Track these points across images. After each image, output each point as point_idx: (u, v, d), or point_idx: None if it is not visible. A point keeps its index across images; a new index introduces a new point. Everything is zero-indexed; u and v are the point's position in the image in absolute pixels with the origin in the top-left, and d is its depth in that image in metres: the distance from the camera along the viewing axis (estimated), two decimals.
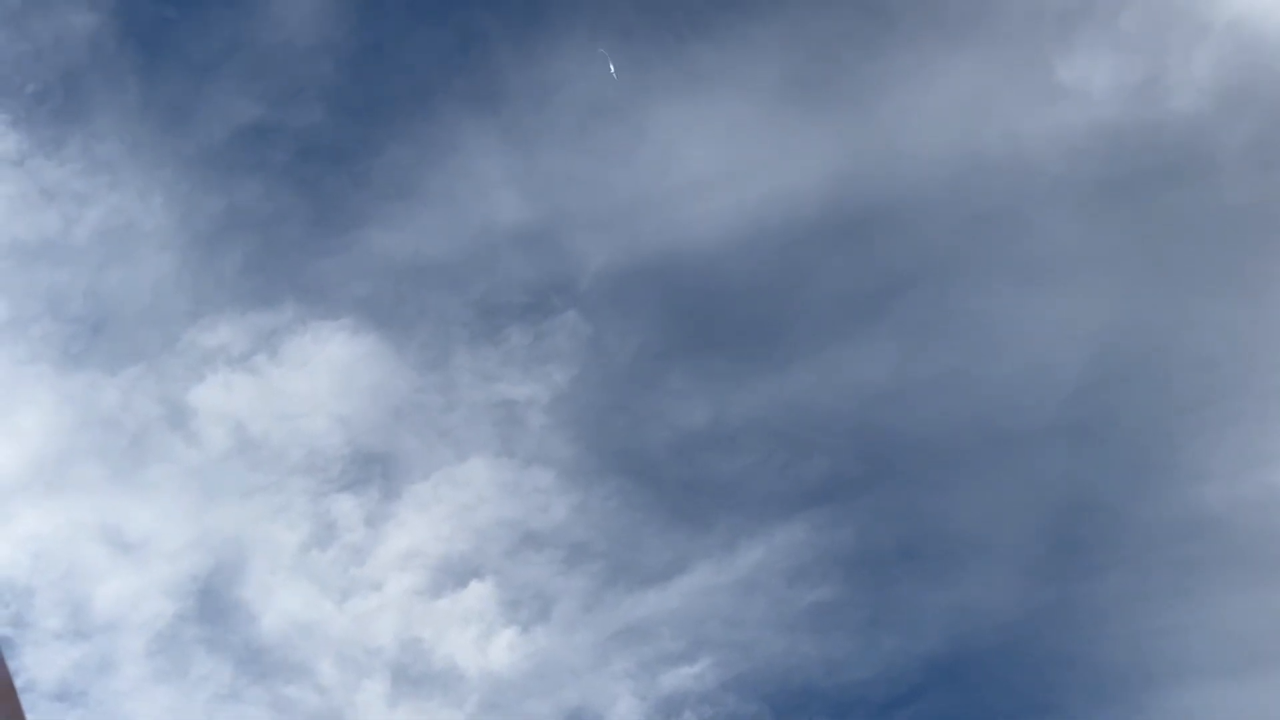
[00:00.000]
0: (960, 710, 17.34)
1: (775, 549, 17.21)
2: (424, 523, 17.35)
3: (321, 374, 17.31)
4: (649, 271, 17.62)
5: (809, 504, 17.58)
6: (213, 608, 16.73)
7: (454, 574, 17.33)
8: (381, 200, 16.95)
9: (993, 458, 17.56)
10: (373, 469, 17.27)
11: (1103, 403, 17.38)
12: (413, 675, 17.08)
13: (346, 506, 17.18)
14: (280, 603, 16.96)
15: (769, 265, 17.62)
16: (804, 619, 17.27)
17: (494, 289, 17.29)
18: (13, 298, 15.98)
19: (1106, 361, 17.26)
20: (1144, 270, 17.12)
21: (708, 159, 17.44)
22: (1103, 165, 16.66)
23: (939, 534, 17.84)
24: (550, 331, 17.26)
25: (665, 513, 17.99)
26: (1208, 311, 16.76)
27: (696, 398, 17.58)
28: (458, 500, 17.38)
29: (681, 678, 17.06)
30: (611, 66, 14.82)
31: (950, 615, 17.36)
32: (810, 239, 17.44)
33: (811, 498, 17.70)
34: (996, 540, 17.55)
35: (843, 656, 17.27)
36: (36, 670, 15.94)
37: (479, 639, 17.25)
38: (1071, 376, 17.45)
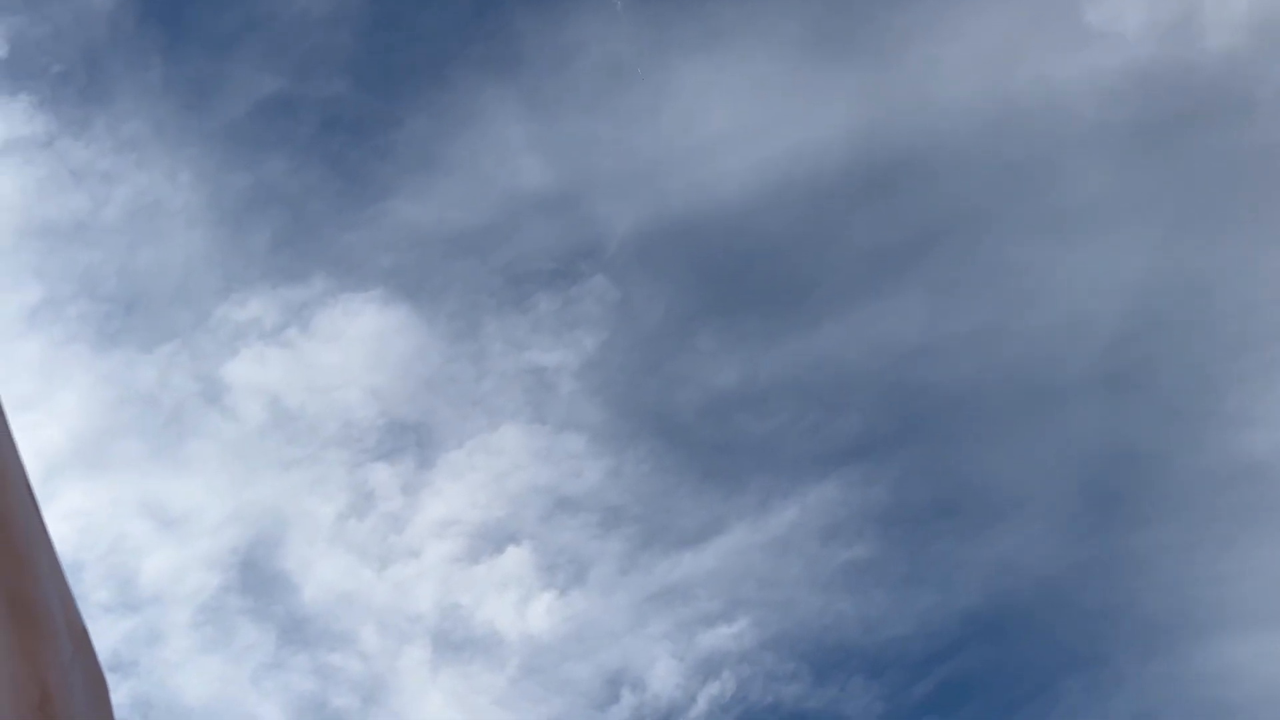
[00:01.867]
0: (1001, 665, 17.26)
1: (809, 508, 17.14)
2: (459, 490, 17.51)
3: (353, 346, 17.44)
4: (675, 233, 17.47)
5: (842, 462, 17.46)
6: (255, 579, 17.06)
7: (491, 540, 17.49)
8: (405, 171, 16.93)
9: (1029, 411, 17.30)
10: (407, 438, 17.42)
11: (1142, 351, 17.01)
12: (453, 640, 17.33)
13: (383, 476, 17.37)
14: (321, 572, 17.25)
15: (796, 221, 17.38)
16: (840, 577, 17.22)
17: (521, 256, 17.24)
18: (48, 280, 16.22)
19: (1145, 309, 16.86)
20: (1182, 215, 16.64)
21: (731, 116, 17.17)
22: (1137, 108, 16.14)
23: (976, 489, 17.65)
24: (578, 297, 17.20)
25: (698, 474, 17.97)
26: (1248, 255, 16.26)
27: (726, 358, 17.48)
28: (492, 467, 17.50)
29: (719, 638, 17.13)
30: (620, 5, 14.55)
31: (989, 570, 17.21)
32: (838, 193, 17.15)
33: (844, 456, 17.57)
34: (1035, 494, 17.33)
35: (880, 614, 17.22)
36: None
37: (517, 603, 17.44)
38: (1109, 326, 17.07)
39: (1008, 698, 16.86)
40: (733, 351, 17.62)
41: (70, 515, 16.67)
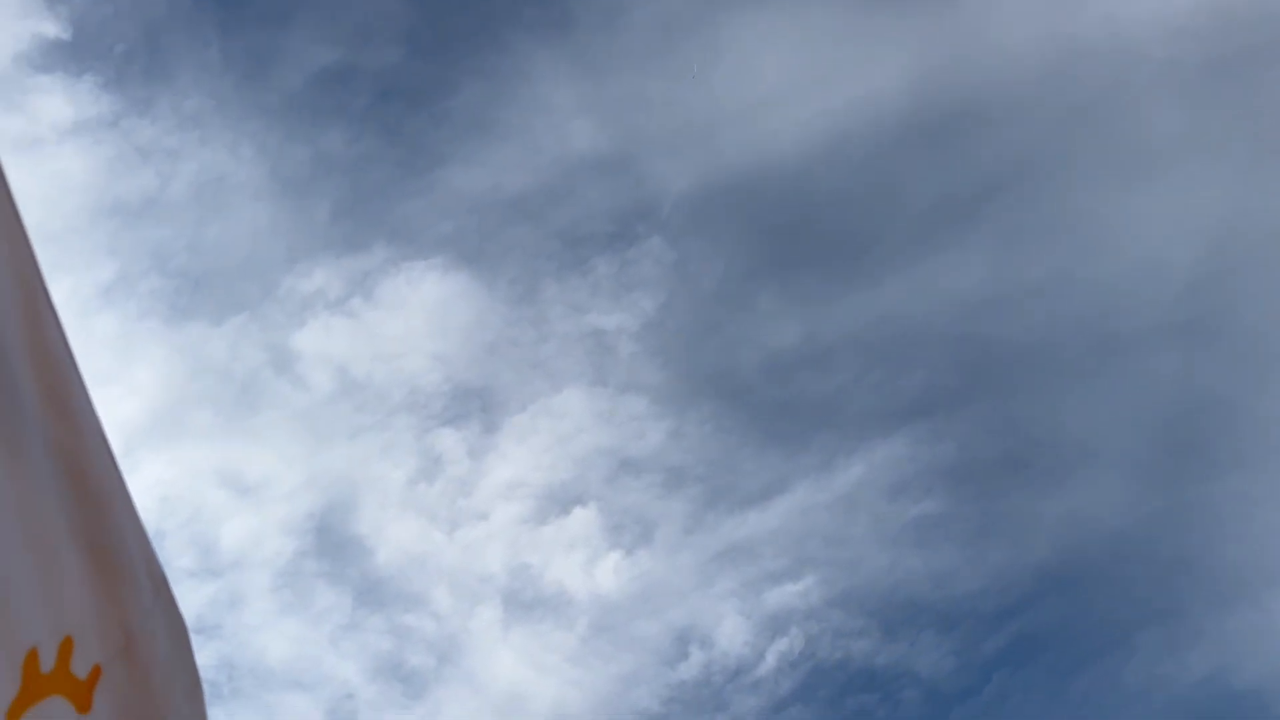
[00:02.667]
0: (1075, 619, 17.05)
1: (875, 465, 17.02)
2: (525, 453, 17.69)
3: (416, 314, 17.64)
4: (732, 191, 17.32)
5: (908, 419, 17.29)
6: (330, 543, 17.46)
7: (557, 502, 17.67)
8: (460, 137, 16.99)
9: (1101, 361, 16.93)
10: (472, 403, 17.62)
11: (1218, 296, 16.52)
12: (524, 600, 17.59)
13: (449, 441, 17.62)
14: (393, 536, 17.60)
15: (856, 175, 17.12)
16: (908, 533, 17.12)
17: (577, 219, 17.24)
18: (120, 257, 16.61)
19: (1221, 253, 16.34)
20: (1256, 153, 16.05)
21: (786, 69, 16.92)
22: (1208, 44, 15.56)
23: (1047, 442, 17.37)
24: (636, 259, 17.17)
25: (760, 434, 17.93)
26: None
27: (787, 317, 17.35)
28: (555, 430, 17.64)
29: (786, 595, 17.16)
30: None
31: (1062, 524, 16.98)
32: (898, 144, 16.85)
33: (910, 412, 17.39)
34: (1108, 445, 17.01)
35: (950, 569, 17.09)
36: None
37: (585, 563, 17.63)
38: (1183, 271, 16.59)
39: (1082, 652, 16.68)
40: (793, 310, 17.50)
41: (151, 485, 17.18)
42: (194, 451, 17.35)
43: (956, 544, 17.08)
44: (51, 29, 15.32)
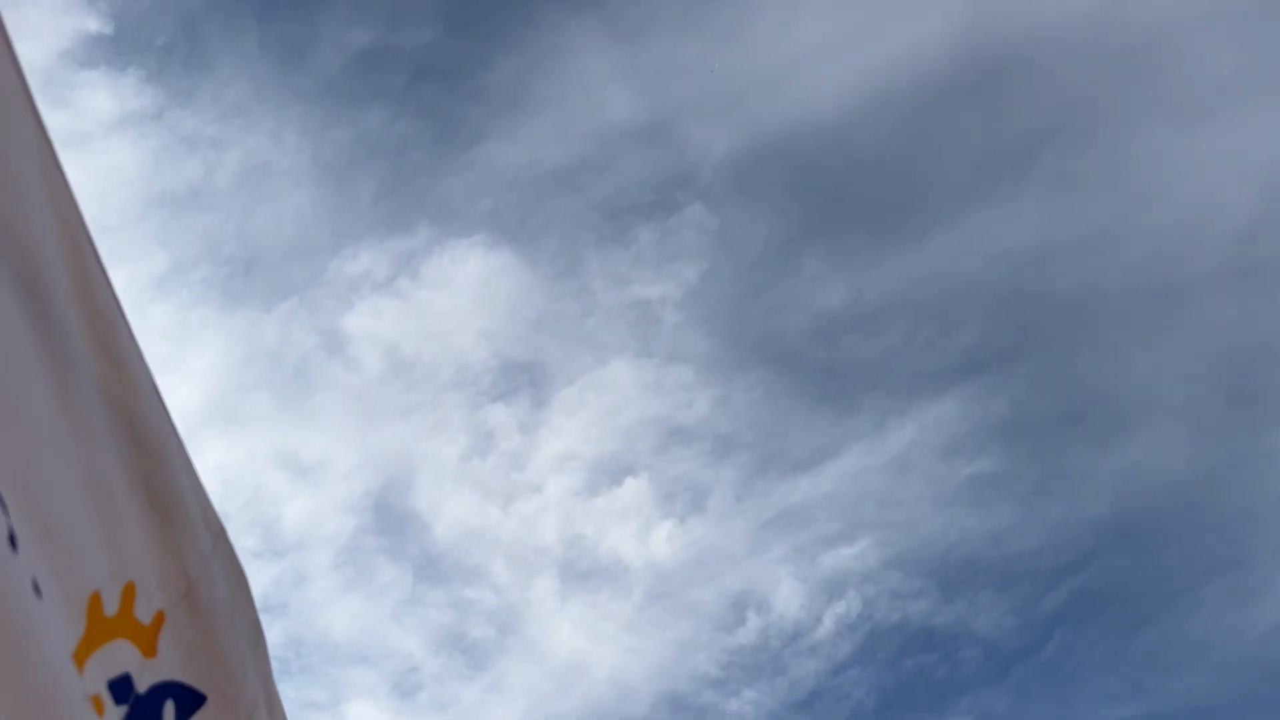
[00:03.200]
0: (1137, 573, 16.83)
1: (927, 426, 16.87)
2: (574, 426, 17.79)
3: (461, 291, 17.75)
4: (772, 154, 17.16)
5: (959, 378, 17.10)
6: (388, 520, 17.72)
7: (608, 473, 17.77)
8: (496, 113, 16.99)
9: (1157, 311, 16.59)
10: (520, 379, 17.73)
11: (1275, 241, 16.10)
12: (580, 570, 17.75)
13: (500, 416, 17.76)
14: (449, 511, 17.82)
15: (898, 131, 16.86)
16: (963, 493, 16.97)
17: (617, 190, 17.20)
18: (171, 247, 16.87)
19: (1277, 196, 15.91)
20: None
21: (823, 25, 16.68)
22: None
23: (1103, 396, 17.10)
24: (677, 228, 17.11)
25: (809, 399, 17.85)
26: None
27: (832, 279, 17.20)
28: (604, 402, 17.70)
29: (841, 558, 17.13)
30: None
31: (1121, 478, 16.72)
32: (941, 98, 16.55)
33: (961, 371, 17.20)
34: (1166, 397, 16.70)
35: (1007, 527, 16.93)
36: None
37: (639, 533, 17.73)
38: (1240, 217, 16.17)
39: (1145, 607, 16.47)
40: (838, 272, 17.34)
41: (212, 470, 17.52)
42: (252, 435, 17.68)
43: (1013, 502, 16.93)
44: (93, 24, 15.52)
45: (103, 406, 1.61)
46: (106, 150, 16.24)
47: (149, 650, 1.77)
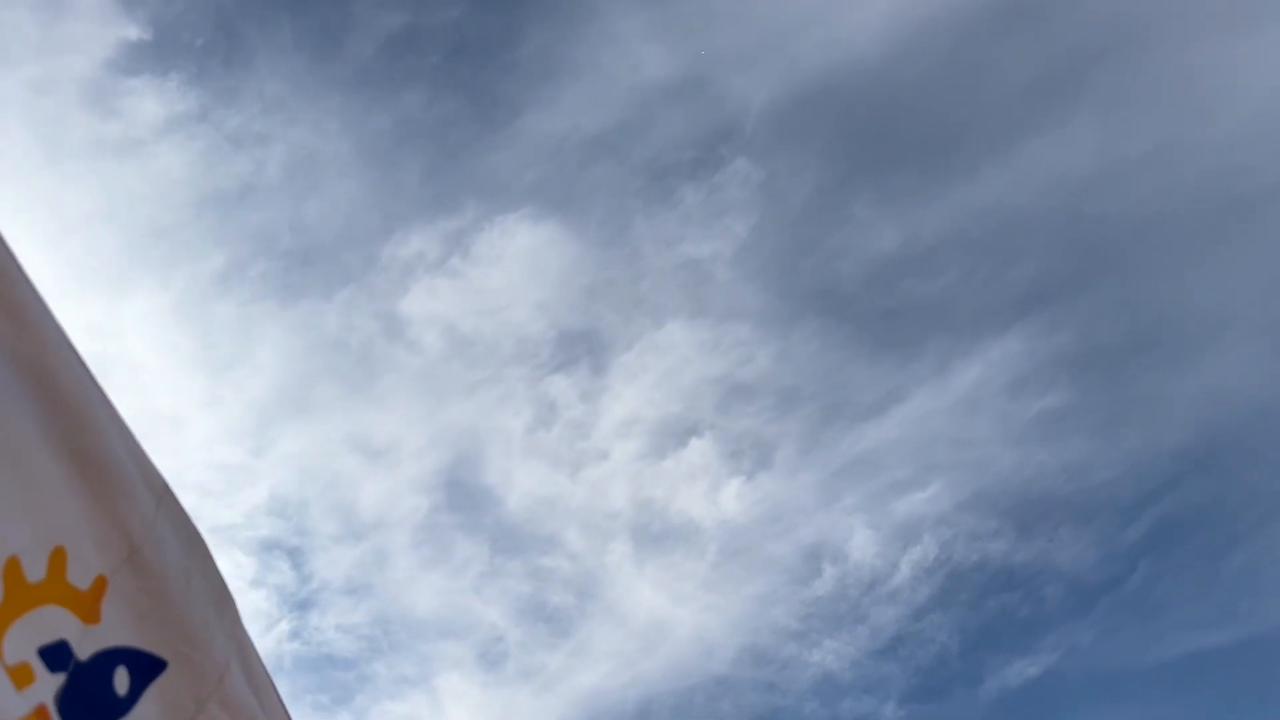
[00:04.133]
0: (1221, 497, 16.32)
1: (992, 364, 16.49)
2: (635, 391, 17.78)
3: (513, 266, 17.78)
4: (813, 99, 16.80)
5: (1022, 312, 16.66)
6: (461, 496, 17.95)
7: (673, 435, 17.73)
8: (532, 84, 16.90)
9: (1223, 227, 15.93)
10: (578, 348, 17.74)
11: None
12: (652, 533, 17.80)
13: (561, 386, 17.82)
14: (519, 483, 17.98)
15: (942, 63, 16.38)
16: (1034, 429, 16.59)
17: (658, 150, 17.03)
18: (228, 244, 17.17)
19: None
20: None
21: None
22: None
23: (1174, 318, 16.53)
24: (723, 183, 16.88)
25: (869, 346, 17.57)
26: None
27: (884, 222, 16.84)
28: (663, 365, 17.64)
29: (914, 503, 16.91)
30: None
31: (1197, 401, 16.19)
32: (983, 23, 16.02)
33: (1024, 305, 16.75)
34: (1239, 315, 16.07)
35: (1082, 460, 16.53)
36: (327, 572, 17.75)
37: (708, 492, 17.70)
38: None
39: (1232, 530, 15.96)
40: (890, 213, 16.96)
41: (288, 459, 17.93)
42: (323, 423, 18.01)
43: (1086, 434, 16.50)
44: (133, 32, 15.77)
45: (6, 364, 1.57)
46: (157, 155, 16.54)
47: (89, 616, 1.74)
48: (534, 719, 17.58)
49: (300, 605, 17.48)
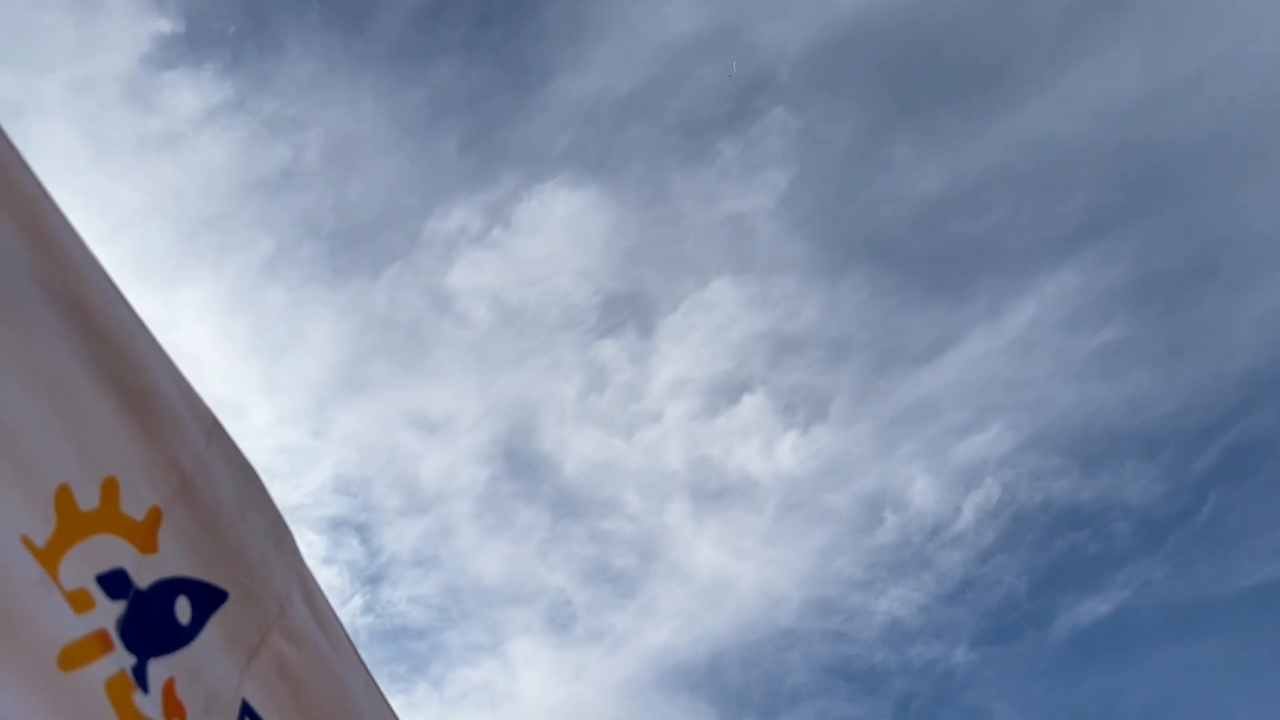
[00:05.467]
0: None
1: (1046, 300, 16.19)
2: (684, 351, 17.73)
3: (554, 233, 17.77)
4: (848, 41, 16.50)
5: (1075, 246, 16.32)
6: (519, 465, 18.10)
7: (724, 392, 17.68)
8: (561, 48, 16.78)
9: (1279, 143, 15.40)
10: (624, 311, 17.72)
11: None
12: (710, 490, 17.82)
13: (610, 351, 17.83)
14: (575, 448, 18.07)
15: None
16: (1093, 364, 16.29)
17: (693, 106, 16.85)
18: (274, 230, 17.34)
19: None
20: None
21: None
22: None
23: (1232, 241, 16.07)
24: (760, 135, 16.68)
25: (919, 290, 17.34)
26: None
27: (927, 163, 16.54)
28: (710, 323, 17.56)
29: (974, 447, 16.72)
30: None
31: (1262, 325, 15.77)
32: None
33: (1076, 238, 16.40)
34: None
35: (1144, 393, 16.21)
36: (395, 545, 18.02)
37: (763, 447, 17.65)
38: None
39: None
40: (932, 154, 16.66)
41: (348, 438, 18.19)
42: (379, 400, 18.22)
43: (1148, 366, 16.17)
44: (165, 25, 15.88)
45: (41, 296, 1.56)
46: (198, 146, 16.71)
47: (147, 546, 1.75)
48: (606, 678, 17.75)
49: (371, 579, 17.79)
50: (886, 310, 17.14)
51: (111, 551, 1.66)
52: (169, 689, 1.72)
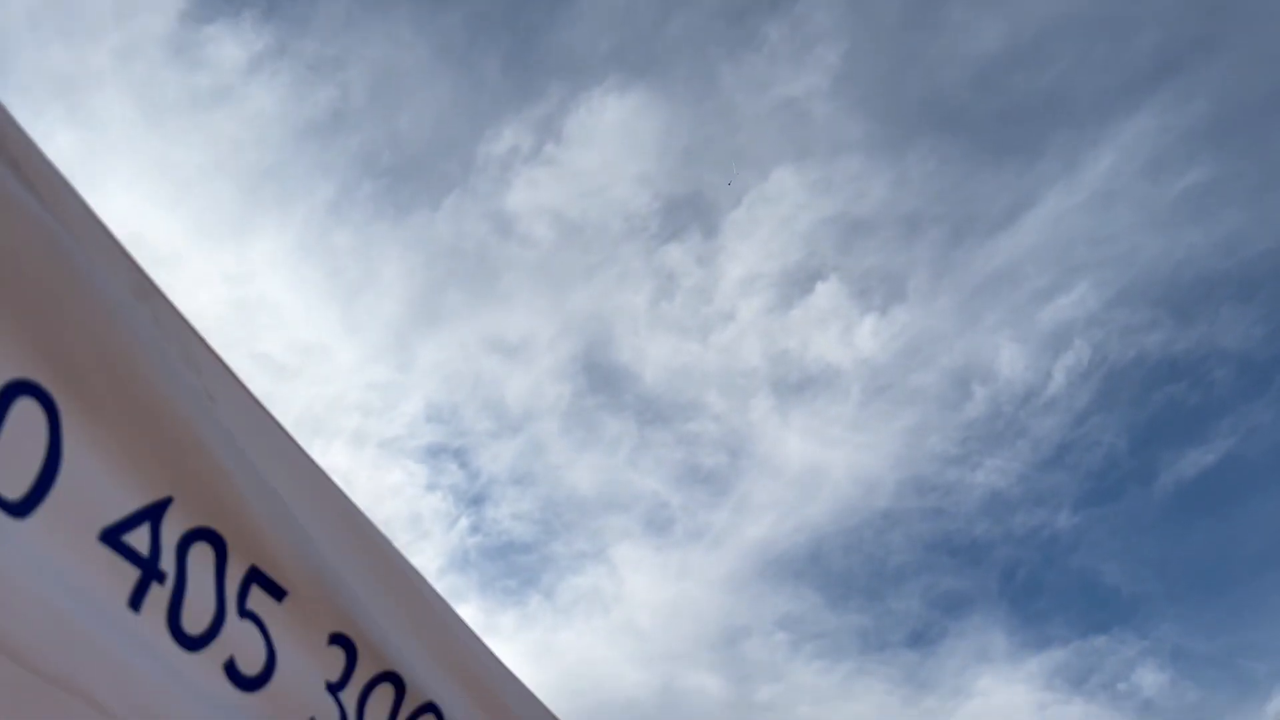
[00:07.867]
0: None
1: (1124, 148, 15.49)
2: (752, 246, 17.50)
3: (608, 141, 17.57)
4: None
5: (1150, 87, 15.50)
6: (599, 378, 18.23)
7: (797, 283, 17.45)
8: None
9: None
10: (685, 214, 17.53)
11: None
12: (792, 383, 17.72)
13: (676, 255, 17.70)
14: (653, 356, 18.11)
15: None
16: (1180, 209, 15.60)
17: None
18: (333, 172, 17.50)
19: None
20: None
21: None
22: None
23: None
24: (806, 12, 16.12)
25: (988, 154, 16.73)
26: None
27: (983, 18, 15.80)
28: (775, 215, 17.27)
29: (1059, 309, 16.26)
30: None
31: None
32: None
33: (1151, 79, 15.57)
34: None
35: (1237, 233, 15.50)
36: (492, 466, 18.43)
37: (842, 334, 17.43)
38: None
39: None
40: (987, 8, 15.90)
41: (432, 369, 18.53)
42: (457, 329, 18.47)
43: (1239, 205, 15.42)
44: None
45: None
46: (247, 97, 16.87)
47: None
48: (710, 574, 18.04)
49: (474, 501, 18.23)
50: (957, 179, 16.63)
51: None
52: None
